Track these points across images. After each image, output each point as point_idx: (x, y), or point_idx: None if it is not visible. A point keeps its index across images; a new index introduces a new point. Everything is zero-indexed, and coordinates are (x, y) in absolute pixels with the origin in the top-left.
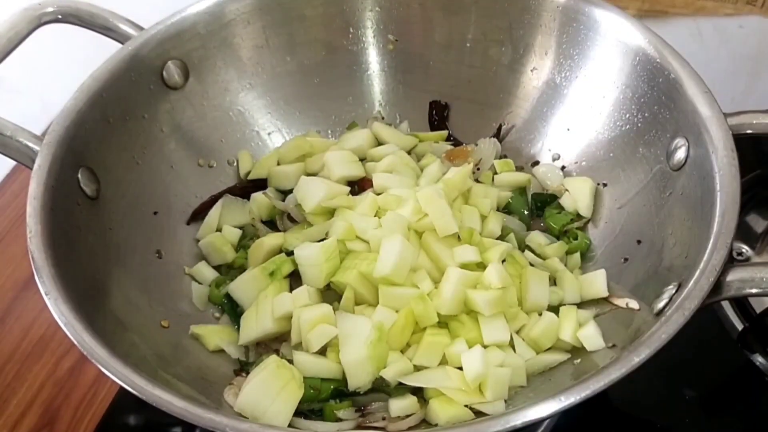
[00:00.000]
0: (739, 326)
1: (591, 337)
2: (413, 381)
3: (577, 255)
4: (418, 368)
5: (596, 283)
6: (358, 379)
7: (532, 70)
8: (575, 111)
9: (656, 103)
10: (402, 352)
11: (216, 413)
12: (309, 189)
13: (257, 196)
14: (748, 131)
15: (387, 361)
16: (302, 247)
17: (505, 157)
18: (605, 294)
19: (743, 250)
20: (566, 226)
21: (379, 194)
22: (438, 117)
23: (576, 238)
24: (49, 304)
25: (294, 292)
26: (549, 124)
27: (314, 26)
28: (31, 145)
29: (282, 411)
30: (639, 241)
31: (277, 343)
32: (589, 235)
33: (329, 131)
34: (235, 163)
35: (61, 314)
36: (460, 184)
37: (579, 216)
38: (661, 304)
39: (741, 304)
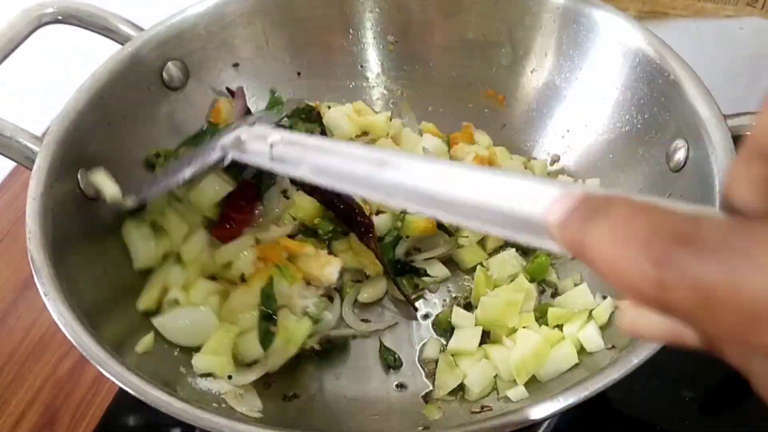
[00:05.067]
0: None
1: (591, 337)
2: None
3: None
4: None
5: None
6: None
7: (531, 72)
8: (575, 112)
9: (656, 104)
10: None
11: (215, 413)
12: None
13: None
14: (748, 133)
15: None
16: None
17: None
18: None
19: None
20: None
21: None
22: None
23: None
24: (49, 305)
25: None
26: (548, 126)
27: (314, 27)
28: (30, 145)
29: None
30: None
31: None
32: None
33: None
34: None
35: (60, 315)
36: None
37: None
38: None
39: None
